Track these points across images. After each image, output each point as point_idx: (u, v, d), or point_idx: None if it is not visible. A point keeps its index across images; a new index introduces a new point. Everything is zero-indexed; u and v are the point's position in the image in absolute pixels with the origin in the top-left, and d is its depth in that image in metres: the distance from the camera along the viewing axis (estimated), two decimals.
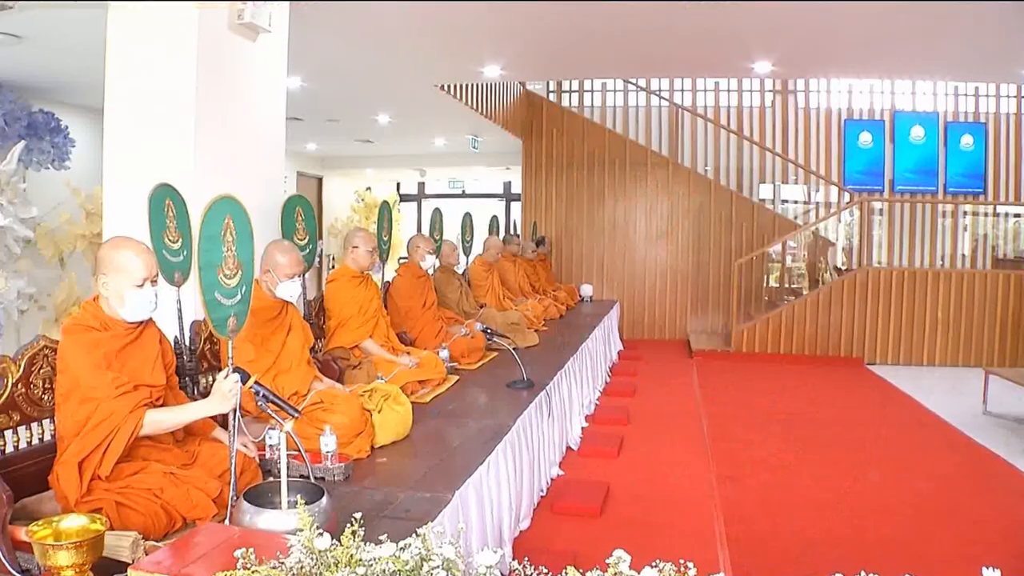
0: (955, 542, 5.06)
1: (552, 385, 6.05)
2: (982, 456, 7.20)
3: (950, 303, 12.00)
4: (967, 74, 12.14)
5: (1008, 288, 11.98)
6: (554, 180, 14.22)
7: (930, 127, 14.95)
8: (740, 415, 8.52)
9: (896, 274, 12.19)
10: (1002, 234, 15.44)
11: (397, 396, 4.33)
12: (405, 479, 3.66)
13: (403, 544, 1.88)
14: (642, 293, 14.05)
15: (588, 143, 14.14)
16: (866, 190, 14.46)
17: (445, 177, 21.03)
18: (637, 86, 14.66)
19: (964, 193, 14.98)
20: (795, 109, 15.14)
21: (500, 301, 8.86)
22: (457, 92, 10.89)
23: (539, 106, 14.40)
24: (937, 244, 14.97)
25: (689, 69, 11.85)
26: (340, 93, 11.00)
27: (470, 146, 15.36)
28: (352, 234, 5.75)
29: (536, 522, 5.02)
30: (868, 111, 15.13)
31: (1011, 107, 15.13)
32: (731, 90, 15.10)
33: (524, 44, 8.73)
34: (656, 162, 14.07)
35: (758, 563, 4.58)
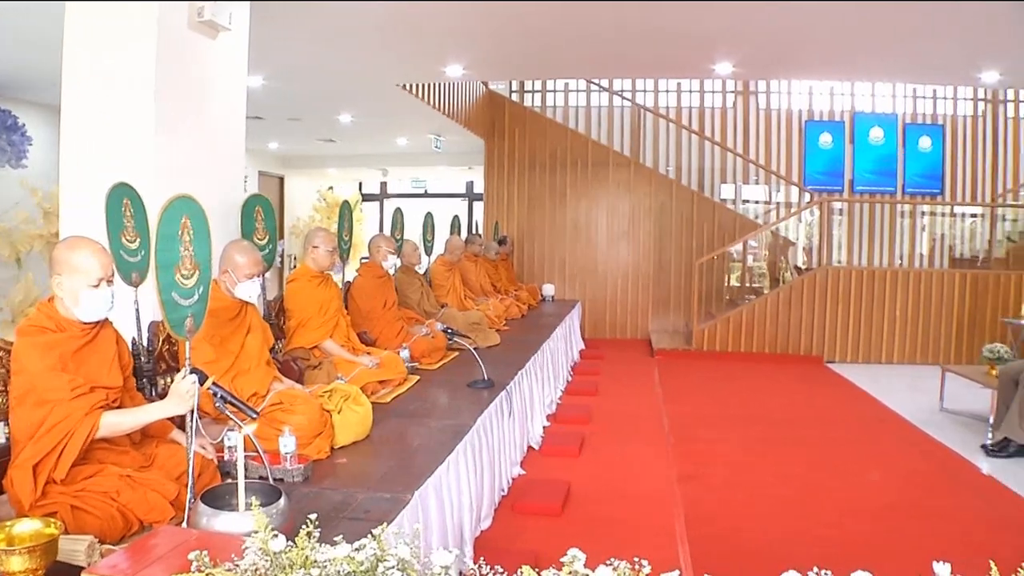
0: (914, 537, 5.13)
1: (513, 384, 6.06)
2: (940, 452, 7.30)
3: (908, 302, 12.14)
4: (925, 77, 12.27)
5: (964, 287, 12.14)
6: (516, 180, 14.22)
7: (889, 128, 15.12)
8: (701, 414, 8.57)
9: (855, 273, 12.30)
10: (959, 234, 15.65)
11: (357, 396, 4.32)
12: (365, 480, 3.64)
13: (358, 545, 1.87)
14: (604, 292, 14.09)
15: (550, 143, 14.16)
16: (826, 190, 14.60)
17: (407, 177, 20.97)
18: (600, 86, 14.70)
19: (922, 194, 15.16)
20: (756, 110, 15.26)
21: (461, 301, 8.85)
22: (419, 91, 10.88)
23: (502, 106, 14.40)
24: (896, 244, 15.14)
25: (651, 70, 11.90)
26: (302, 92, 10.94)
27: (432, 146, 15.32)
28: (312, 234, 5.72)
29: (497, 521, 5.02)
30: (828, 112, 15.28)
31: (968, 109, 15.35)
32: (693, 91, 15.20)
33: (486, 44, 8.73)
34: (618, 162, 14.12)
35: (719, 561, 4.60)
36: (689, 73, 12.51)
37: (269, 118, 12.76)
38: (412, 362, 6.19)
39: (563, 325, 10.05)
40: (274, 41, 7.80)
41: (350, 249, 6.98)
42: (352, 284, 6.80)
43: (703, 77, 13.43)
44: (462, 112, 12.77)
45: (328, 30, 7.77)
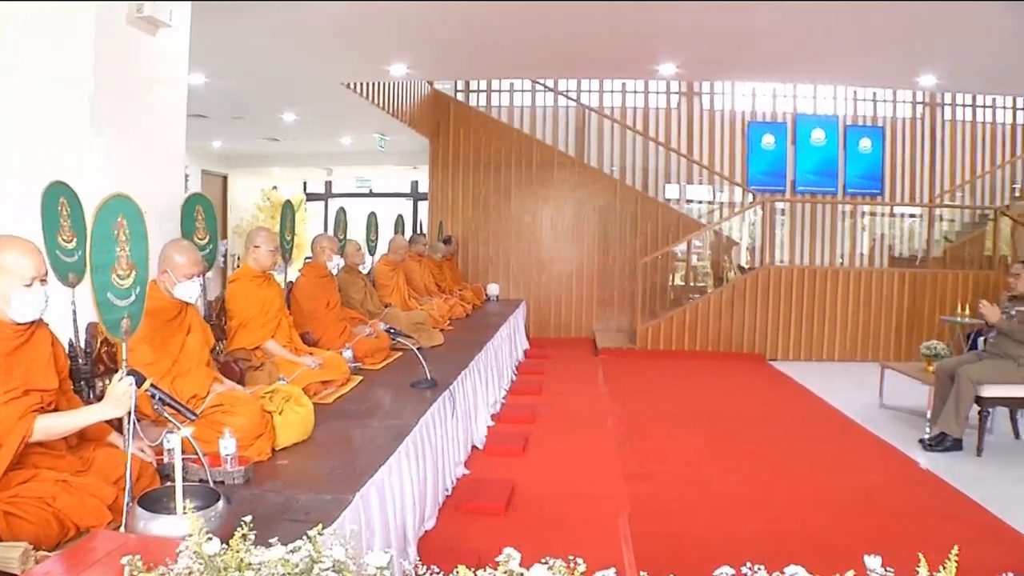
0: (855, 531, 5.20)
1: (456, 384, 6.06)
2: (879, 447, 7.43)
3: (848, 300, 12.32)
4: (865, 80, 12.48)
5: (903, 286, 12.35)
6: (461, 179, 14.21)
7: (830, 130, 15.34)
8: (646, 412, 8.62)
9: (797, 272, 12.46)
10: (898, 234, 15.91)
11: (299, 397, 4.29)
12: (306, 481, 3.62)
13: (293, 547, 1.86)
14: (549, 292, 14.13)
15: (495, 143, 14.16)
16: (769, 190, 14.77)
17: (352, 176, 20.89)
18: (545, 86, 14.74)
19: (862, 194, 15.40)
20: (700, 111, 15.40)
21: (405, 301, 8.83)
22: (364, 90, 10.83)
23: (447, 105, 14.37)
24: (837, 243, 15.36)
25: (596, 70, 11.97)
26: (245, 90, 10.86)
27: (377, 145, 15.28)
28: (254, 234, 5.67)
29: (442, 522, 5.01)
30: (771, 114, 15.47)
31: (907, 112, 15.64)
32: (638, 91, 15.30)
33: (430, 43, 8.72)
34: (563, 162, 14.16)
35: (663, 559, 4.62)
36: (633, 74, 12.59)
37: (212, 116, 12.64)
38: (355, 362, 6.15)
39: (507, 325, 10.06)
40: (217, 39, 7.73)
41: (292, 249, 6.93)
42: (295, 284, 6.75)
43: (647, 78, 13.52)
44: (407, 111, 12.75)
45: (272, 28, 7.72)
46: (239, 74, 9.80)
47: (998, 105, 15.87)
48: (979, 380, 7.09)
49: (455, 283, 11.86)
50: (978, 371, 7.15)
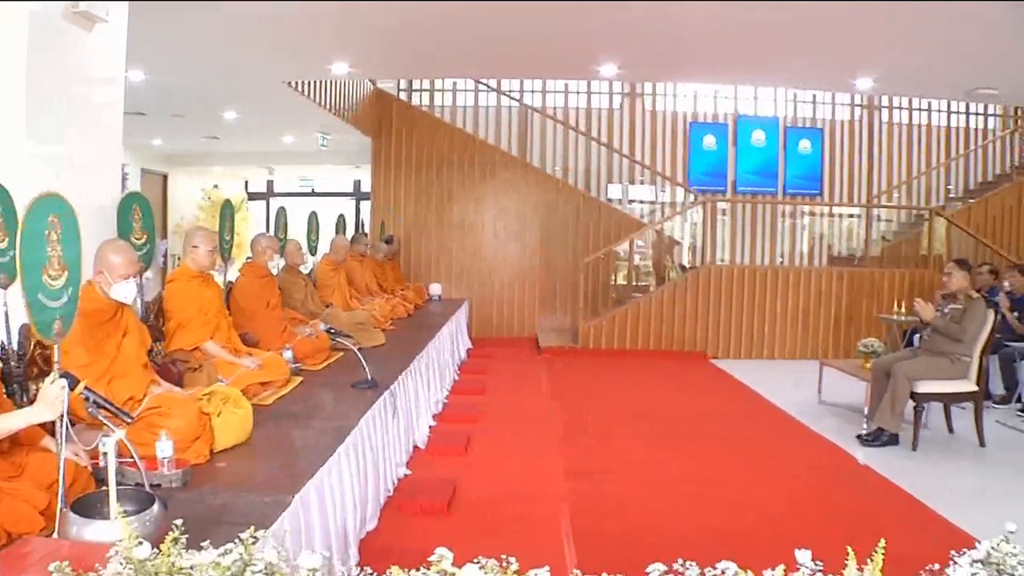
0: (794, 526, 5.29)
1: (397, 384, 6.04)
2: (817, 442, 7.56)
3: (788, 299, 12.48)
4: (805, 82, 12.63)
5: (842, 284, 12.55)
6: (403, 179, 14.14)
7: (770, 131, 15.52)
8: (589, 410, 8.66)
9: (738, 271, 12.60)
10: (837, 234, 16.13)
11: (237, 399, 4.25)
12: (245, 483, 3.59)
13: (224, 550, 1.85)
14: (491, 292, 14.13)
15: (438, 142, 14.12)
16: (710, 191, 14.90)
17: (294, 175, 20.75)
18: (488, 86, 14.74)
19: (802, 194, 15.61)
20: (642, 111, 15.50)
21: (347, 301, 8.78)
22: (305, 89, 10.75)
23: (389, 105, 14.30)
24: (777, 243, 15.52)
25: (538, 70, 11.99)
26: (185, 88, 10.73)
27: (319, 144, 15.18)
28: (192, 233, 5.60)
29: (384, 522, 4.99)
30: (712, 115, 15.62)
31: (846, 114, 15.91)
32: (580, 92, 15.37)
33: (373, 42, 8.70)
34: (505, 162, 14.17)
35: (604, 556, 4.64)
36: (575, 74, 12.64)
37: (152, 114, 12.49)
38: (296, 363, 6.10)
39: (450, 324, 10.06)
40: (156, 35, 7.63)
41: (231, 249, 6.87)
42: (234, 284, 6.68)
43: (589, 78, 13.58)
44: (349, 110, 12.68)
45: (211, 25, 7.64)
46: (179, 71, 9.68)
47: (933, 108, 16.21)
48: (914, 376, 7.24)
49: (397, 283, 11.83)
50: (913, 368, 7.30)
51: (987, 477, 6.63)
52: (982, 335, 7.36)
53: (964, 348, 7.35)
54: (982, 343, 7.37)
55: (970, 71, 9.54)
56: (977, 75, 9.79)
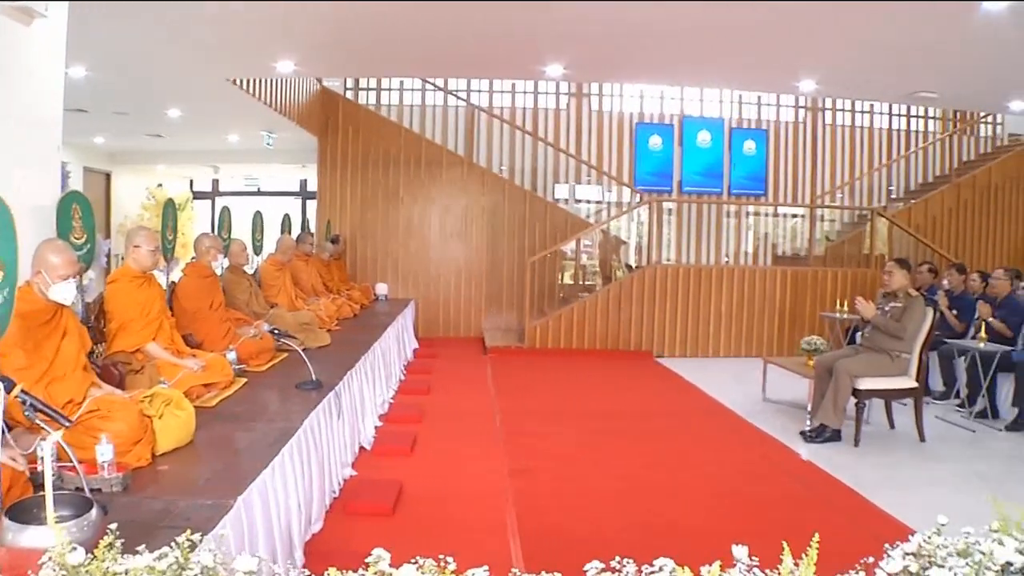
0: (739, 521, 5.34)
1: (342, 385, 6.02)
2: (762, 440, 7.65)
3: (733, 298, 12.60)
4: (749, 83, 12.75)
5: (786, 283, 12.69)
6: (350, 178, 14.07)
7: (716, 132, 15.67)
8: (534, 409, 8.69)
9: (683, 271, 12.69)
10: (782, 233, 16.33)
11: (179, 401, 4.21)
12: (187, 486, 3.56)
13: (159, 554, 1.83)
14: (437, 291, 14.11)
15: (385, 141, 14.07)
16: (656, 191, 15.02)
17: (240, 174, 20.57)
18: (435, 86, 14.73)
19: (747, 195, 15.78)
20: (589, 112, 15.58)
21: (292, 301, 8.72)
22: (250, 87, 10.65)
23: (336, 103, 14.22)
24: (723, 242, 15.68)
25: (484, 70, 11.99)
26: (128, 84, 10.59)
27: (264, 142, 15.06)
28: (133, 233, 5.53)
29: (329, 524, 4.97)
30: (658, 115, 15.74)
31: (790, 116, 16.11)
32: (527, 92, 15.41)
33: (318, 41, 8.64)
34: (452, 161, 14.16)
35: (550, 554, 4.66)
36: (521, 74, 12.66)
37: (94, 111, 12.31)
38: (239, 364, 6.05)
39: (396, 324, 10.04)
40: (97, 30, 7.53)
41: (174, 248, 6.80)
42: (177, 284, 6.61)
43: (535, 78, 13.60)
44: (294, 109, 12.58)
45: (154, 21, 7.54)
46: (122, 68, 9.55)
47: (875, 111, 16.50)
48: (855, 373, 7.35)
49: (343, 283, 11.78)
50: (854, 365, 7.41)
51: (927, 471, 6.76)
52: (921, 332, 7.49)
53: (904, 345, 7.48)
54: (921, 340, 7.50)
55: (910, 75, 9.69)
56: (916, 79, 9.95)
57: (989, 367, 8.28)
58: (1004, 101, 11.23)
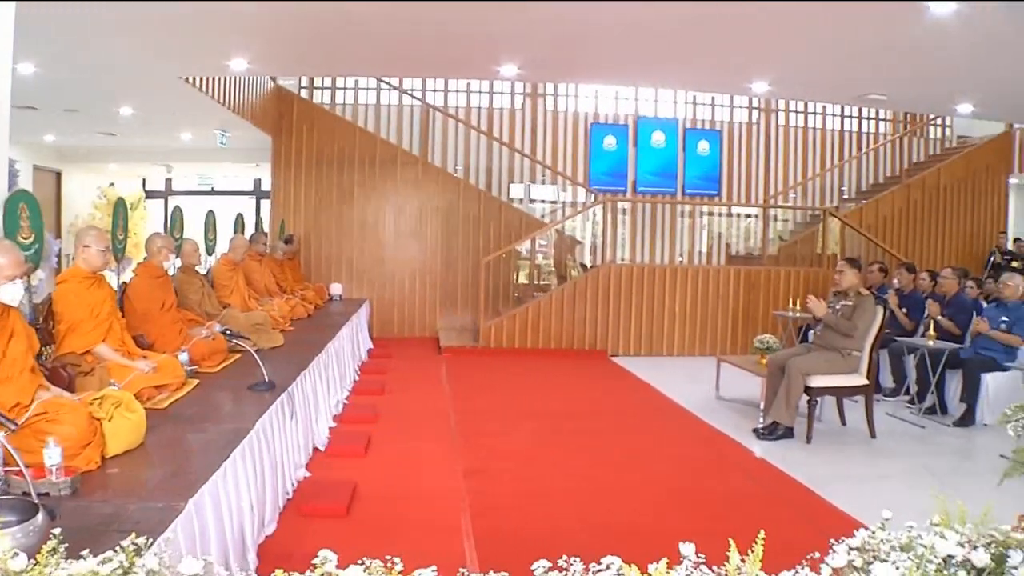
0: (689, 520, 5.41)
1: (295, 386, 5.99)
2: (715, 437, 7.73)
3: (687, 297, 12.68)
4: (703, 85, 12.84)
5: (739, 282, 12.79)
6: (304, 177, 13.99)
7: (670, 132, 15.79)
8: (488, 409, 8.69)
9: (638, 270, 12.74)
10: (735, 233, 16.47)
11: (129, 403, 4.16)
12: (137, 490, 3.53)
13: (103, 558, 1.81)
14: (392, 291, 14.07)
15: (339, 141, 14.01)
16: (610, 190, 15.09)
17: (193, 173, 20.38)
18: (389, 84, 14.70)
19: (701, 195, 15.91)
20: (544, 111, 15.64)
21: (245, 301, 8.64)
22: (203, 85, 10.54)
23: (290, 102, 14.14)
24: (677, 242, 15.79)
25: (439, 69, 11.97)
26: (78, 82, 10.43)
27: (218, 141, 14.93)
28: (83, 233, 5.46)
29: (282, 525, 4.95)
30: (613, 116, 15.83)
31: (743, 116, 16.28)
32: (482, 91, 15.44)
33: (272, 39, 8.58)
34: (406, 161, 14.13)
35: (505, 554, 4.66)
36: (475, 74, 12.66)
37: (43, 109, 12.13)
38: (191, 365, 5.99)
39: (350, 324, 10.00)
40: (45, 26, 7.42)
41: (125, 248, 6.72)
42: (128, 285, 6.53)
43: (490, 78, 13.59)
44: (248, 107, 12.47)
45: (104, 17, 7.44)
46: (71, 65, 9.40)
47: (828, 112, 16.74)
48: (807, 371, 7.44)
49: (297, 283, 11.69)
50: (806, 363, 7.50)
51: (877, 466, 6.89)
52: (872, 331, 7.60)
53: (855, 343, 7.58)
54: (872, 338, 7.61)
55: (859, 77, 9.80)
56: (866, 81, 10.06)
57: (938, 364, 8.42)
58: (951, 104, 11.39)
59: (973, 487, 6.07)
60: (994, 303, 9.04)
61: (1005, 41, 7.61)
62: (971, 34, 7.30)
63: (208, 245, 8.96)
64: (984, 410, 8.21)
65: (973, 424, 8.22)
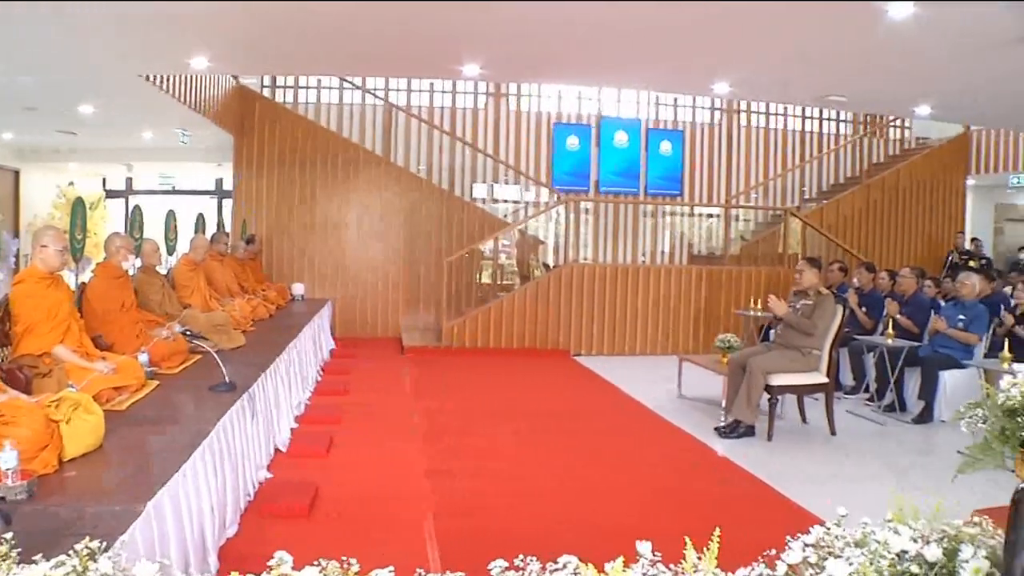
0: (652, 516, 5.45)
1: (256, 387, 5.96)
2: (677, 436, 7.78)
3: (650, 296, 12.76)
4: (666, 85, 12.90)
5: (701, 282, 12.89)
6: (266, 177, 13.91)
7: (633, 133, 15.86)
8: (451, 409, 8.68)
9: (600, 270, 12.80)
10: (698, 233, 16.57)
11: (88, 405, 4.11)
12: (96, 493, 3.49)
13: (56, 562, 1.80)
14: (355, 291, 14.02)
15: (302, 140, 13.93)
16: (573, 190, 15.14)
17: (155, 172, 20.19)
18: (352, 84, 14.67)
19: (663, 195, 16.00)
20: (507, 111, 15.66)
21: (206, 302, 8.58)
22: (164, 83, 10.44)
23: (252, 101, 14.05)
24: (639, 242, 15.85)
25: (401, 69, 11.94)
26: (37, 80, 10.31)
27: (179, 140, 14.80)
28: (41, 232, 5.41)
29: (244, 527, 4.92)
30: (576, 116, 15.87)
31: (706, 117, 16.41)
32: (445, 91, 15.44)
33: (233, 38, 8.52)
34: (369, 160, 14.09)
35: (467, 554, 4.66)
36: (438, 73, 12.65)
37: (1, 106, 11.98)
38: (151, 366, 5.93)
39: (312, 325, 9.96)
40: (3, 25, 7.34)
41: (83, 248, 6.66)
42: (87, 285, 6.48)
43: (453, 78, 13.59)
44: (210, 106, 12.38)
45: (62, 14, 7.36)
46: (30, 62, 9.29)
47: (789, 113, 16.89)
48: (768, 370, 7.50)
49: (258, 283, 11.62)
50: (767, 361, 7.56)
51: (837, 464, 6.98)
52: (832, 329, 7.68)
53: (815, 342, 7.66)
54: (832, 337, 7.69)
55: (820, 79, 9.88)
56: (827, 83, 10.14)
57: (897, 362, 8.52)
58: (911, 105, 11.50)
59: (931, 483, 6.17)
60: (952, 302, 9.17)
61: (962, 44, 7.69)
62: (929, 37, 7.38)
63: (169, 245, 8.90)
64: (942, 407, 8.31)
65: (931, 421, 8.33)
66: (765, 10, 6.91)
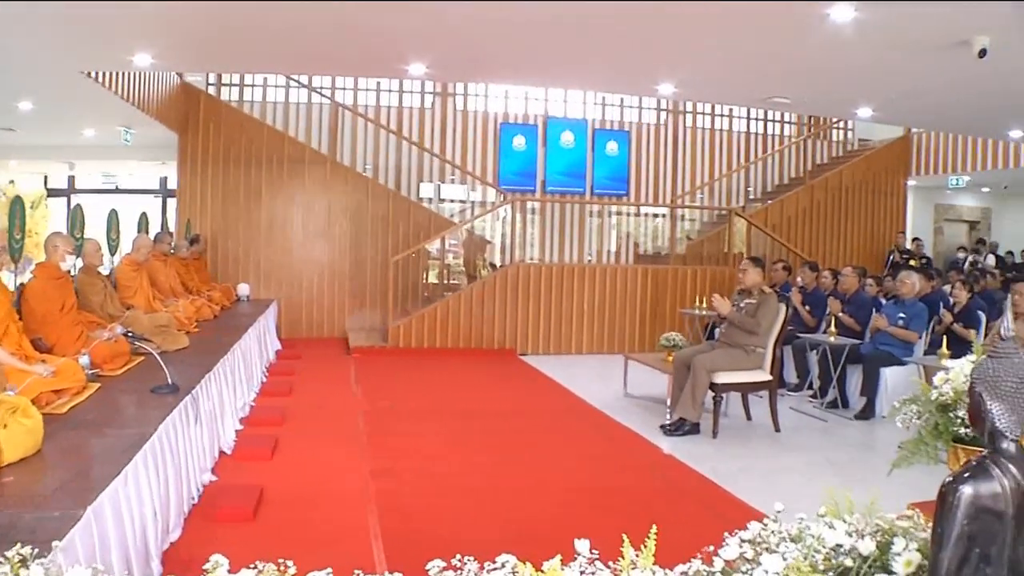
0: (597, 515, 5.45)
1: (200, 388, 5.90)
2: (623, 435, 7.84)
3: (596, 296, 12.83)
4: (611, 86, 12.96)
5: (647, 281, 12.98)
6: (211, 176, 13.76)
7: (579, 133, 15.94)
8: (397, 409, 8.69)
9: (546, 269, 12.84)
10: (644, 232, 16.69)
11: (26, 409, 4.05)
12: (33, 498, 3.43)
13: None
14: (300, 291, 13.93)
15: (247, 139, 13.80)
16: (520, 190, 15.17)
17: (97, 171, 19.91)
18: (299, 82, 14.58)
19: (609, 195, 16.09)
20: (454, 111, 15.67)
21: (150, 302, 8.48)
22: (106, 80, 10.29)
23: (197, 99, 13.88)
24: (586, 241, 15.93)
25: (346, 68, 11.90)
26: None
27: (122, 138, 14.61)
28: None
29: (188, 531, 4.87)
30: (523, 116, 15.93)
31: (652, 118, 16.55)
32: (392, 90, 15.41)
33: (176, 35, 8.42)
34: (315, 159, 13.99)
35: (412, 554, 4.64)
36: (383, 73, 12.61)
37: None
38: (93, 369, 5.85)
39: (257, 325, 9.89)
40: None
41: (22, 248, 6.55)
42: (26, 286, 6.37)
43: (399, 77, 13.55)
44: (154, 104, 12.22)
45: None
46: None
47: (735, 115, 17.09)
48: (712, 368, 7.58)
49: (203, 283, 11.51)
50: (711, 359, 7.64)
51: (781, 459, 7.09)
52: (775, 327, 7.77)
53: (759, 340, 7.75)
54: (775, 335, 7.79)
55: (763, 80, 9.97)
56: (770, 84, 10.24)
57: (839, 360, 8.66)
58: (852, 108, 11.66)
59: (871, 477, 6.25)
60: (892, 300, 9.33)
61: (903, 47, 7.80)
62: (870, 40, 7.47)
63: (111, 245, 8.77)
64: (883, 403, 8.45)
65: (873, 417, 8.49)
66: (708, 10, 6.96)
